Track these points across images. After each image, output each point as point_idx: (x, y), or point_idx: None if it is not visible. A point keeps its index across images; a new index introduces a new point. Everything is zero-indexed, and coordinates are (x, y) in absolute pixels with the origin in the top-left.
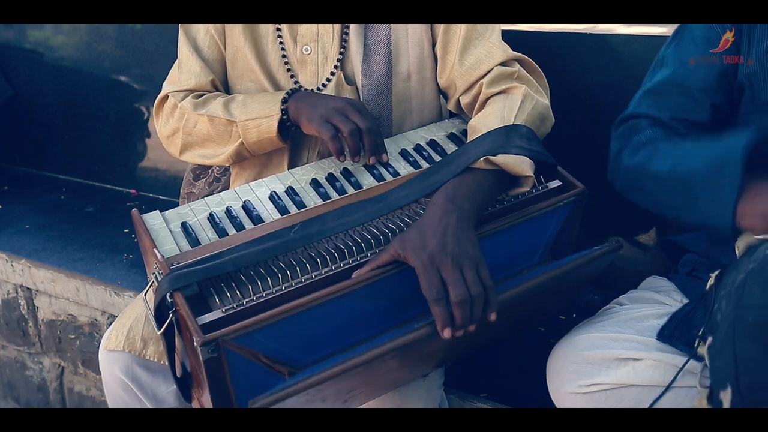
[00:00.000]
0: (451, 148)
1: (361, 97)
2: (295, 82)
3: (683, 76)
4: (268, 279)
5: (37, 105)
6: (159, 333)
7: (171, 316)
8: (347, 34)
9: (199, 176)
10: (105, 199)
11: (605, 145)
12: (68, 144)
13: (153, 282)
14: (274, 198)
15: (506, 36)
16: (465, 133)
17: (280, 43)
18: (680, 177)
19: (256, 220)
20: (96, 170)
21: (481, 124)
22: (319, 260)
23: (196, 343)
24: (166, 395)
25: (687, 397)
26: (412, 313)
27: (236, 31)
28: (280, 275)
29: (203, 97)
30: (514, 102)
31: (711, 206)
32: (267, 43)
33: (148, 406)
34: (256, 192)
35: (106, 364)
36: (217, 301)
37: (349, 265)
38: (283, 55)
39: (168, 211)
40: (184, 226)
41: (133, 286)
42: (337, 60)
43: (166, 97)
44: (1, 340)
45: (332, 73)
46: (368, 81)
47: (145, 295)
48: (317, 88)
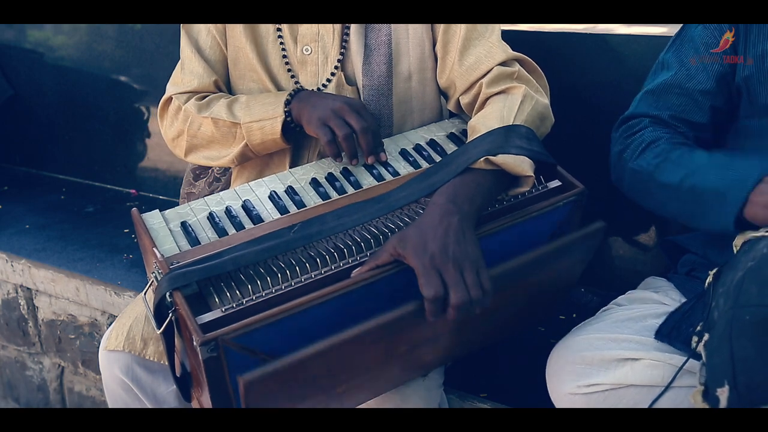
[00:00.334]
0: (451, 148)
1: (362, 98)
2: (296, 82)
3: (684, 78)
4: (268, 278)
5: (37, 105)
6: (158, 332)
7: (170, 315)
8: (348, 35)
9: (199, 176)
10: (105, 199)
11: (605, 145)
12: (68, 144)
13: (153, 281)
14: (273, 197)
15: (506, 36)
16: (465, 133)
17: (281, 44)
18: (689, 190)
19: (256, 219)
20: (96, 170)
21: (481, 124)
22: (318, 260)
23: (195, 343)
24: (166, 395)
25: (686, 397)
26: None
27: (237, 31)
28: (280, 275)
29: (206, 98)
30: (514, 102)
31: (719, 218)
32: (267, 43)
33: (148, 406)
34: (256, 191)
35: (106, 364)
36: (217, 300)
37: (349, 265)
38: (284, 56)
39: (168, 211)
40: (184, 226)
41: (133, 286)
42: (338, 60)
43: (170, 99)
44: (1, 340)
45: (332, 74)
46: (369, 81)
47: (145, 294)
48: (318, 89)
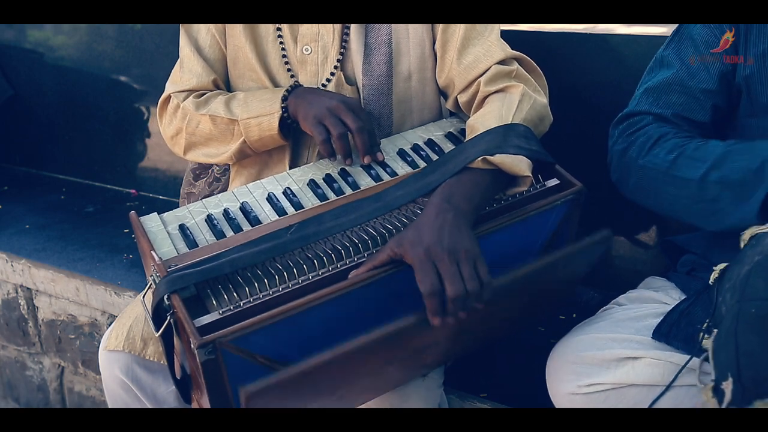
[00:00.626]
0: (449, 147)
1: (362, 97)
2: (295, 82)
3: (685, 76)
4: (265, 280)
5: (37, 105)
6: (157, 335)
7: (168, 318)
8: (348, 34)
9: (199, 176)
10: (105, 199)
11: (605, 144)
12: (68, 144)
13: (151, 284)
14: (271, 199)
15: (506, 36)
16: (463, 132)
17: (281, 43)
18: (712, 184)
19: (254, 221)
20: (96, 170)
21: (479, 123)
22: (315, 261)
23: (193, 345)
24: (166, 395)
25: (687, 396)
26: (410, 313)
27: (237, 30)
28: (277, 276)
29: (205, 96)
30: (512, 101)
31: (738, 209)
32: (267, 42)
33: (148, 406)
34: (254, 194)
35: (106, 364)
36: (214, 303)
37: (346, 266)
38: (284, 55)
39: (166, 214)
40: (182, 228)
41: (133, 286)
42: (337, 60)
43: (169, 97)
44: (1, 340)
45: (332, 73)
46: (369, 81)
47: (144, 297)
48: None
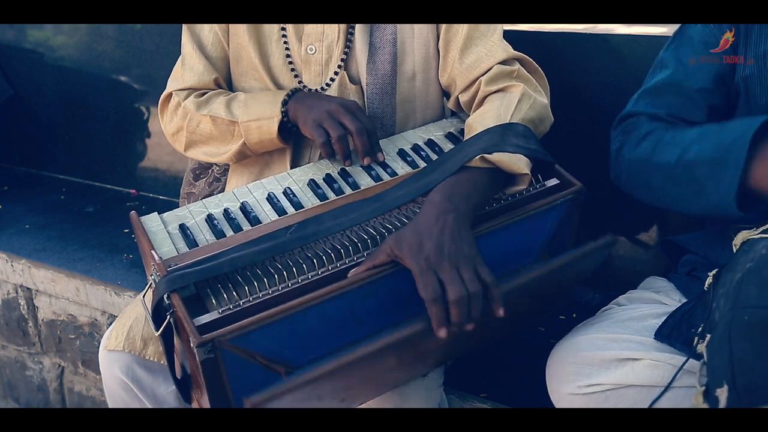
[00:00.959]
0: (449, 147)
1: (366, 97)
2: (299, 81)
3: (681, 77)
4: (265, 280)
5: (37, 105)
6: (157, 335)
7: (168, 317)
8: (352, 34)
9: (199, 176)
10: (105, 199)
11: (606, 145)
12: (68, 144)
13: (151, 284)
14: (271, 199)
15: (507, 36)
16: (463, 132)
17: (285, 43)
18: (688, 164)
19: (254, 221)
20: (96, 170)
21: (478, 122)
22: (315, 260)
23: (192, 344)
24: (166, 395)
25: (686, 397)
26: (409, 312)
27: (240, 29)
28: (277, 276)
29: (206, 95)
30: (512, 100)
31: (718, 188)
32: (270, 43)
33: (148, 406)
34: (254, 193)
35: (106, 364)
36: (214, 302)
37: (346, 265)
38: (287, 55)
39: (166, 213)
40: (182, 228)
41: (133, 286)
42: (341, 60)
43: (171, 94)
44: (1, 340)
45: (336, 73)
46: (373, 80)
47: (144, 296)
48: (321, 88)
